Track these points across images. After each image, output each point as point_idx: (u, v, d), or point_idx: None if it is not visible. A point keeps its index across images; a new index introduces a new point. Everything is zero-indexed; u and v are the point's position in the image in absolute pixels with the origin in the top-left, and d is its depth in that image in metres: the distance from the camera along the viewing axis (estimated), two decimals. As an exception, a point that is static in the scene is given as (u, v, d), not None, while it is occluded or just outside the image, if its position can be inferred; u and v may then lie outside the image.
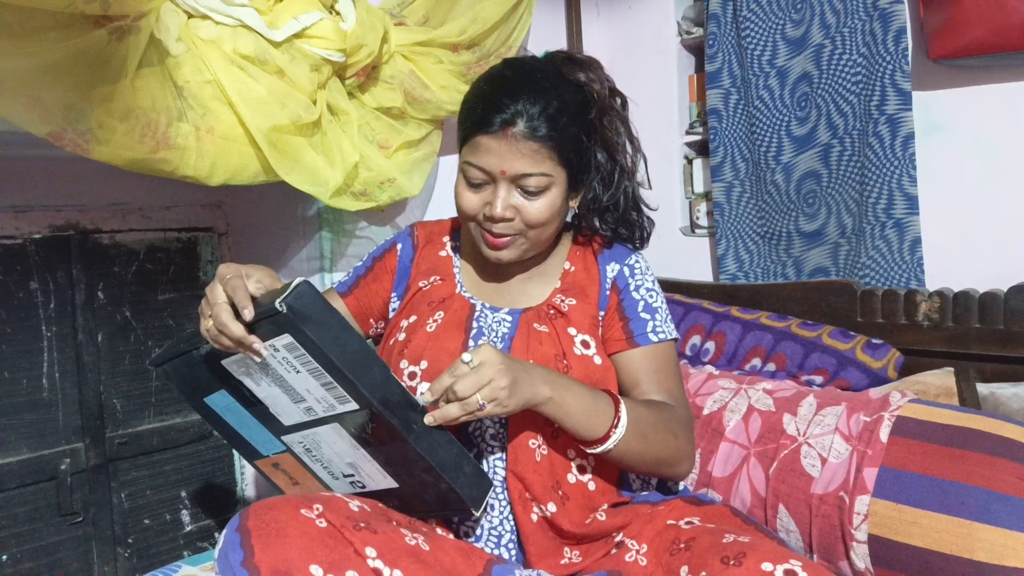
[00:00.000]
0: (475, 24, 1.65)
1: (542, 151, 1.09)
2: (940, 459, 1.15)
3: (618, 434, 1.05)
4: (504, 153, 1.08)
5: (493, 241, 1.14)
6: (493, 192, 1.11)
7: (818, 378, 1.52)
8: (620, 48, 2.14)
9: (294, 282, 0.93)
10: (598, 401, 1.06)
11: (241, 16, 1.30)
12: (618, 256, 1.23)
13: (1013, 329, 1.41)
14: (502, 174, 1.09)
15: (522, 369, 1.01)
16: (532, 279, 1.23)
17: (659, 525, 1.11)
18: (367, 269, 1.29)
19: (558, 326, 1.16)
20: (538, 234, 1.14)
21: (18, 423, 1.56)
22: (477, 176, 1.12)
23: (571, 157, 1.13)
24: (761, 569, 0.91)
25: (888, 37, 1.62)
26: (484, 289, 1.23)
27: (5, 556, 1.53)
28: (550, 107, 1.09)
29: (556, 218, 1.14)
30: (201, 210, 1.83)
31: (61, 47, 1.12)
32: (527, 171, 1.09)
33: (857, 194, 1.70)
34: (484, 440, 1.13)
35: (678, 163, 2.08)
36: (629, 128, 1.22)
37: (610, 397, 1.07)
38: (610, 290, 1.20)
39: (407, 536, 0.97)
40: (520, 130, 1.08)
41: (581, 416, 1.04)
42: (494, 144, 1.09)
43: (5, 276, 1.53)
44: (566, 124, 1.10)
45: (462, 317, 1.17)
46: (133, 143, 1.21)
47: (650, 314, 1.19)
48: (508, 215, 1.11)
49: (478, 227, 1.15)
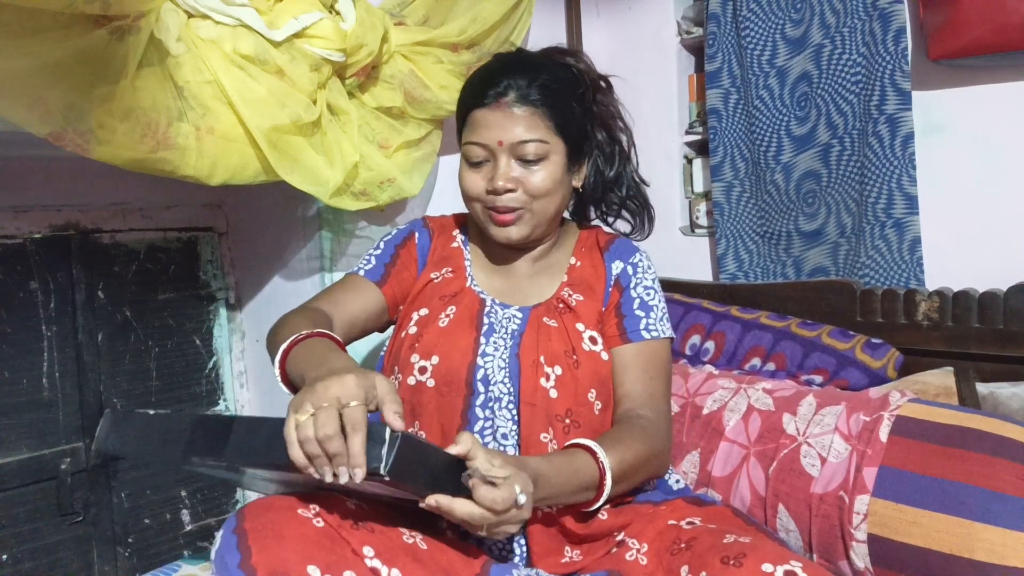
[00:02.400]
0: (475, 24, 1.65)
1: (536, 117, 1.13)
2: (940, 459, 1.15)
3: (606, 495, 1.04)
4: (499, 122, 1.12)
5: (499, 218, 1.15)
6: (494, 167, 1.14)
7: (818, 378, 1.52)
8: (620, 48, 2.14)
9: (389, 434, 0.82)
10: (582, 473, 1.02)
11: (241, 16, 1.30)
12: (623, 254, 1.23)
13: (1013, 329, 1.41)
14: (499, 145, 1.13)
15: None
16: (540, 273, 1.23)
17: (660, 525, 1.11)
18: (392, 257, 1.26)
19: (567, 321, 1.16)
20: (543, 206, 1.15)
21: (18, 423, 1.55)
22: (477, 154, 1.15)
23: (567, 128, 1.16)
24: (761, 570, 0.91)
25: (888, 37, 1.62)
26: (494, 284, 1.24)
27: (5, 556, 1.53)
28: (540, 78, 1.14)
29: (559, 189, 1.16)
30: (201, 210, 1.83)
31: (61, 47, 1.12)
32: (523, 137, 1.12)
33: (857, 194, 1.70)
34: (495, 438, 1.12)
35: (678, 163, 2.08)
36: (621, 113, 1.26)
37: (591, 457, 1.03)
38: (613, 286, 1.21)
39: (405, 535, 0.97)
40: (512, 98, 1.12)
41: (570, 490, 1.02)
42: (489, 116, 1.13)
43: (5, 276, 1.53)
44: (558, 93, 1.15)
45: (473, 312, 1.18)
46: (133, 143, 1.21)
47: (645, 312, 1.19)
48: (510, 185, 1.13)
49: (484, 209, 1.16)
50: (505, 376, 1.13)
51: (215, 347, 1.86)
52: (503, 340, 1.15)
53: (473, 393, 1.12)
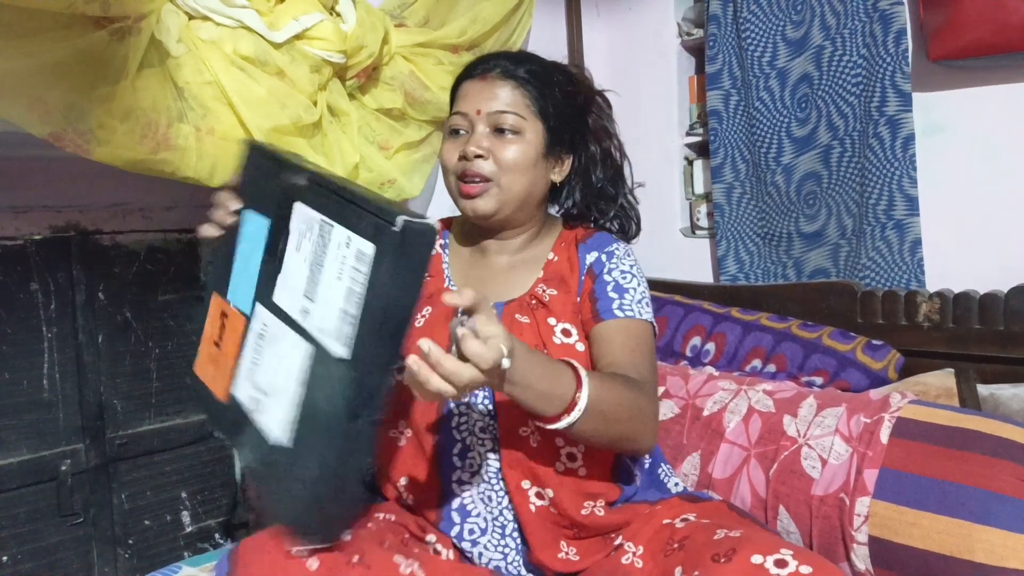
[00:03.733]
0: (475, 25, 1.65)
1: (517, 92, 1.15)
2: (940, 460, 1.15)
3: (574, 416, 0.94)
4: (482, 91, 1.16)
5: (466, 189, 1.16)
6: (470, 137, 1.16)
7: (818, 379, 1.51)
8: (620, 49, 2.14)
9: (425, 217, 0.79)
10: (560, 377, 0.95)
11: (242, 17, 1.30)
12: (599, 245, 1.21)
13: (1013, 330, 1.41)
14: (477, 114, 1.15)
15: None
16: (517, 268, 1.23)
17: (656, 525, 1.11)
18: None
19: (539, 317, 1.16)
20: (510, 181, 1.15)
21: (18, 423, 1.56)
22: (458, 123, 1.17)
23: (548, 113, 1.17)
24: (751, 562, 0.90)
25: (888, 38, 1.62)
26: (471, 281, 1.24)
27: (5, 556, 1.53)
28: (531, 64, 1.18)
29: (531, 170, 1.16)
30: (202, 211, 1.82)
31: (61, 47, 1.12)
32: (501, 108, 1.15)
33: (857, 195, 1.70)
34: (473, 434, 1.13)
35: (678, 164, 2.08)
36: (614, 131, 1.27)
37: (573, 375, 0.95)
38: (586, 275, 1.19)
39: (402, 565, 0.96)
40: (498, 73, 1.16)
41: (541, 388, 0.92)
42: (474, 86, 1.17)
43: (5, 277, 1.53)
44: (545, 80, 1.17)
45: (448, 312, 1.18)
46: (133, 144, 1.22)
47: (619, 294, 1.15)
48: (481, 152, 1.14)
49: (456, 181, 1.17)
50: None
51: (215, 348, 1.86)
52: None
53: None
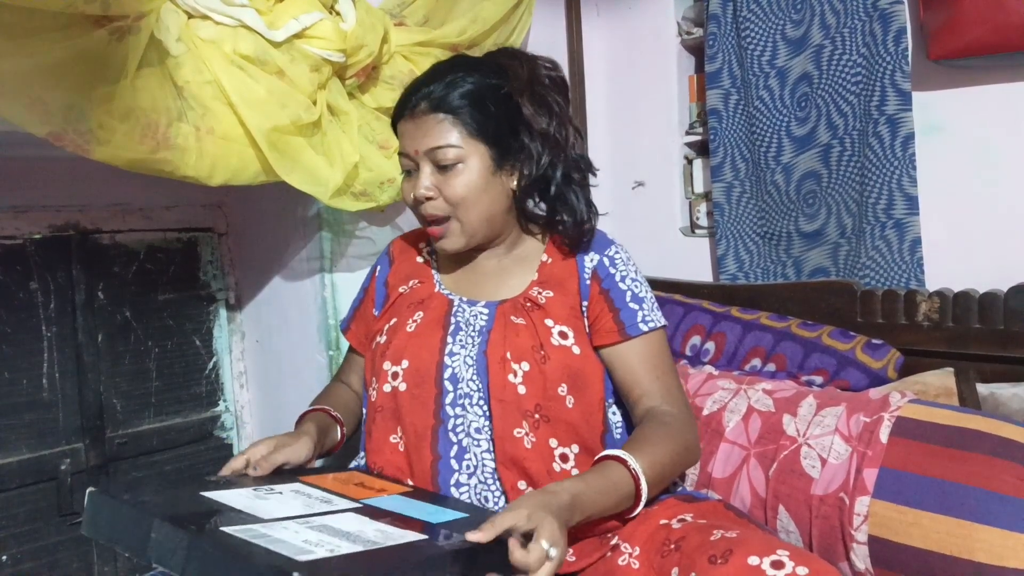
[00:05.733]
0: (475, 25, 1.65)
1: (446, 123, 1.14)
2: (940, 460, 1.15)
3: (644, 501, 1.05)
4: (414, 132, 1.15)
5: (431, 231, 1.18)
6: (417, 178, 1.16)
7: (818, 378, 1.51)
8: (620, 48, 2.14)
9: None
10: (618, 488, 1.03)
11: (241, 16, 1.30)
12: (597, 247, 1.22)
13: (1013, 329, 1.41)
14: (415, 153, 1.15)
15: (567, 513, 0.95)
16: (509, 270, 1.23)
17: (652, 525, 1.10)
18: (360, 301, 1.36)
19: (535, 318, 1.16)
20: (467, 214, 1.15)
21: (18, 423, 1.55)
22: (405, 163, 1.18)
23: (487, 130, 1.15)
24: (747, 564, 0.90)
25: (888, 37, 1.62)
26: (462, 284, 1.24)
27: (5, 556, 1.53)
28: (453, 86, 1.14)
29: (482, 196, 1.15)
30: (201, 210, 1.83)
31: (61, 47, 1.12)
32: (434, 144, 1.14)
33: (857, 194, 1.70)
34: (469, 434, 1.13)
35: (678, 163, 2.08)
36: (563, 109, 1.20)
37: (625, 470, 1.03)
38: (591, 279, 1.20)
39: None
40: (423, 108, 1.14)
41: (608, 505, 1.02)
42: (407, 126, 1.16)
43: (5, 276, 1.53)
44: (474, 97, 1.14)
45: (440, 314, 1.19)
46: (133, 143, 1.21)
47: (638, 304, 1.19)
48: (429, 193, 1.15)
49: (421, 218, 1.19)
50: (473, 373, 1.14)
51: (215, 348, 1.86)
52: (470, 338, 1.16)
53: (443, 392, 1.14)
